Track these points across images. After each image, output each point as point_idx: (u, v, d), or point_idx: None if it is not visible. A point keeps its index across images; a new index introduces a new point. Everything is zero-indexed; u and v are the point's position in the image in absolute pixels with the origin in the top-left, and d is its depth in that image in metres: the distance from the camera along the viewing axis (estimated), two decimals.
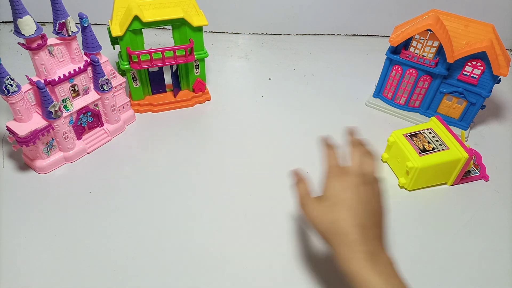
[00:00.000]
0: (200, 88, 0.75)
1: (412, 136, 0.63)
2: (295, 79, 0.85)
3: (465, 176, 0.64)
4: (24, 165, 0.63)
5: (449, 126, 0.64)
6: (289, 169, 0.65)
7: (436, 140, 0.62)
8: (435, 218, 0.59)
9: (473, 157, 0.64)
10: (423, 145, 0.62)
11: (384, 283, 0.38)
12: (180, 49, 0.67)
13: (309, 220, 0.44)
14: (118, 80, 0.67)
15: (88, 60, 0.61)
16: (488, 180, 0.65)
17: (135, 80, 0.71)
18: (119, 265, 0.51)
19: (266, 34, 0.99)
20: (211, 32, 0.98)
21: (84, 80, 0.62)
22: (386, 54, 0.72)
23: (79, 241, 0.53)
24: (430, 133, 0.64)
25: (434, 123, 0.65)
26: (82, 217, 0.56)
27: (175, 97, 0.75)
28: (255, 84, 0.83)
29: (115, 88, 0.66)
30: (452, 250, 0.52)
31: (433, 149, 0.61)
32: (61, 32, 0.57)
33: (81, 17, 0.58)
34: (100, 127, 0.67)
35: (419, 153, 0.60)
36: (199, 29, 0.67)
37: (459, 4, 0.88)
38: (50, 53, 0.57)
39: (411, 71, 0.71)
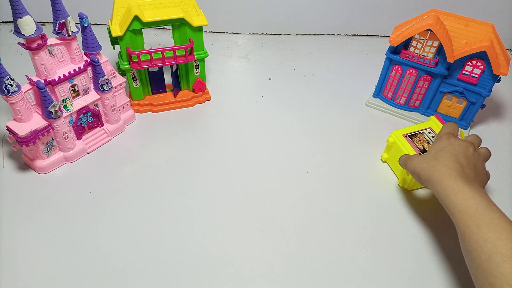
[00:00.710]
0: (200, 88, 0.75)
1: (411, 136, 0.63)
2: (295, 79, 0.85)
3: None
4: (24, 165, 0.63)
5: None
6: (289, 168, 0.65)
7: None
8: (435, 218, 0.59)
9: None
10: (422, 146, 0.62)
11: (478, 195, 0.42)
12: (180, 49, 0.67)
13: (411, 168, 0.51)
14: (118, 80, 0.67)
15: (88, 60, 0.61)
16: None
17: (135, 80, 0.71)
18: (119, 264, 0.51)
19: (266, 34, 0.99)
20: (211, 32, 0.98)
21: (84, 80, 0.62)
22: (386, 54, 0.72)
23: (79, 241, 0.53)
24: (429, 132, 0.64)
25: (433, 122, 0.65)
26: (82, 217, 0.56)
27: (175, 97, 0.75)
28: (255, 84, 0.83)
29: (115, 88, 0.66)
30: (452, 250, 0.52)
31: None
32: (61, 32, 0.57)
33: (81, 17, 0.58)
34: (100, 127, 0.67)
35: (419, 153, 0.60)
36: (199, 29, 0.67)
37: (459, 4, 0.88)
38: (50, 53, 0.57)
39: (411, 71, 0.71)
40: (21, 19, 0.51)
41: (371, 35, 1.01)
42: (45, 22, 0.91)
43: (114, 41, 0.67)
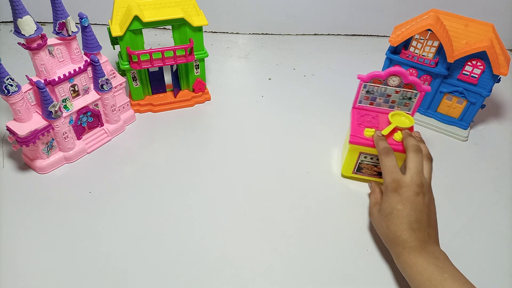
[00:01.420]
0: (200, 88, 0.75)
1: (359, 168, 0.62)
2: (295, 79, 0.85)
3: None
4: (24, 165, 0.63)
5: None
6: (289, 168, 0.65)
7: None
8: None
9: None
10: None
11: (430, 265, 0.44)
12: (180, 49, 0.67)
13: (375, 227, 0.52)
14: (118, 80, 0.67)
15: (88, 60, 0.61)
16: None
17: (135, 80, 0.71)
18: (119, 264, 0.51)
19: (266, 34, 0.99)
20: (211, 32, 0.98)
21: (84, 80, 0.62)
22: (386, 54, 0.72)
23: (79, 241, 0.53)
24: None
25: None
26: (82, 217, 0.56)
27: (175, 97, 0.75)
28: (255, 84, 0.83)
29: (115, 88, 0.66)
30: (452, 250, 0.52)
31: None
32: (61, 32, 0.57)
33: (81, 17, 0.58)
34: (100, 127, 0.67)
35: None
36: (199, 29, 0.67)
37: (459, 4, 0.88)
38: (50, 53, 0.57)
39: (411, 71, 0.71)
40: (21, 19, 0.51)
41: (371, 35, 1.01)
42: (45, 22, 0.91)
43: (114, 41, 0.67)
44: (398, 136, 0.56)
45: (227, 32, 0.99)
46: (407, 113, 0.58)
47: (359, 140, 0.57)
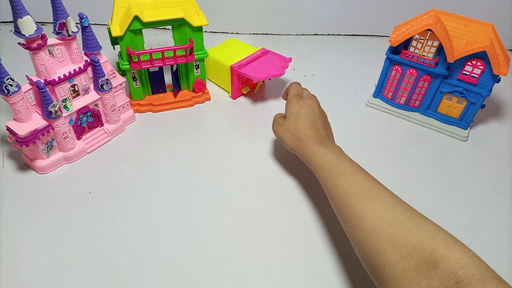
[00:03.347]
0: (200, 88, 0.75)
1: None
2: (295, 79, 0.85)
3: None
4: (24, 165, 0.63)
5: None
6: (289, 168, 0.65)
7: None
8: (435, 218, 0.59)
9: None
10: None
11: (330, 152, 0.51)
12: (180, 49, 0.67)
13: (279, 136, 0.59)
14: (118, 80, 0.67)
15: (88, 60, 0.61)
16: None
17: (135, 80, 0.71)
18: (119, 264, 0.51)
19: (266, 34, 0.99)
20: (211, 32, 0.98)
21: (84, 80, 0.62)
22: (386, 54, 0.72)
23: (79, 241, 0.53)
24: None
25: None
26: (82, 217, 0.56)
27: (175, 97, 0.75)
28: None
29: (115, 88, 0.66)
30: None
31: None
32: (61, 32, 0.57)
33: (81, 17, 0.58)
34: (100, 127, 0.67)
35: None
36: (199, 29, 0.67)
37: (459, 4, 0.88)
38: (50, 53, 0.57)
39: (411, 71, 0.71)
40: (21, 19, 0.51)
41: (371, 35, 1.01)
42: (45, 22, 0.91)
43: (114, 41, 0.67)
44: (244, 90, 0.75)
45: (227, 32, 0.99)
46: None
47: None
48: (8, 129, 0.57)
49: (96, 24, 0.91)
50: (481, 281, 0.33)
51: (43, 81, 0.56)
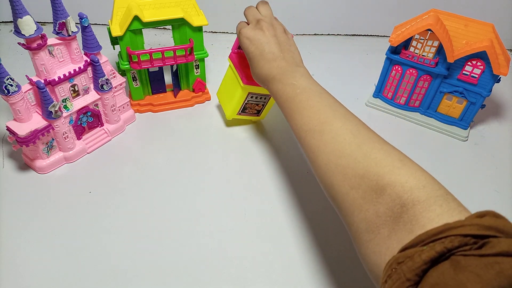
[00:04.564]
0: (200, 88, 0.75)
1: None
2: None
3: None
4: (24, 165, 0.63)
5: None
6: (289, 168, 0.65)
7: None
8: None
9: None
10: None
11: (287, 86, 0.50)
12: (180, 49, 0.67)
13: (243, 40, 0.56)
14: (118, 80, 0.67)
15: (88, 60, 0.61)
16: None
17: (135, 80, 0.71)
18: (119, 264, 0.51)
19: None
20: (211, 32, 0.98)
21: (84, 80, 0.62)
22: (386, 54, 0.72)
23: (79, 241, 0.53)
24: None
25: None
26: (82, 217, 0.56)
27: (175, 97, 0.75)
28: None
29: (115, 88, 0.66)
30: None
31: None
32: (61, 32, 0.57)
33: (81, 17, 0.58)
34: (100, 127, 0.67)
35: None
36: (199, 29, 0.67)
37: (459, 4, 0.88)
38: (50, 53, 0.57)
39: (411, 71, 0.71)
40: (21, 19, 0.51)
41: (371, 35, 1.01)
42: (45, 22, 0.91)
43: (114, 41, 0.67)
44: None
45: (227, 32, 0.99)
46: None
47: (251, 82, 0.62)
48: (8, 129, 0.57)
49: (96, 24, 0.91)
50: (426, 202, 0.33)
51: (43, 81, 0.56)
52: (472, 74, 0.67)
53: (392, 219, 0.34)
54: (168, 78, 0.77)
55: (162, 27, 0.95)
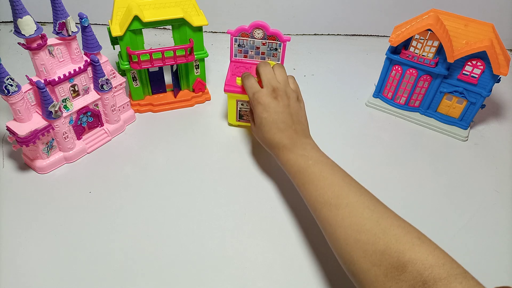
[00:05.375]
0: (200, 88, 0.75)
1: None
2: (295, 79, 0.85)
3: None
4: (24, 165, 0.63)
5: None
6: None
7: None
8: (435, 218, 0.59)
9: None
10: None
11: (298, 157, 0.51)
12: (180, 49, 0.67)
13: (257, 105, 0.56)
14: (118, 80, 0.67)
15: (88, 60, 0.61)
16: None
17: (135, 80, 0.71)
18: (119, 264, 0.51)
19: None
20: (211, 32, 0.98)
21: (84, 80, 0.62)
22: (386, 54, 0.72)
23: (79, 241, 0.53)
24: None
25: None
26: (82, 217, 0.56)
27: (175, 97, 0.75)
28: None
29: (115, 88, 0.66)
30: (452, 250, 0.52)
31: None
32: (61, 32, 0.57)
33: (81, 17, 0.58)
34: (100, 127, 0.67)
35: None
36: (199, 29, 0.67)
37: (459, 4, 0.88)
38: (50, 53, 0.57)
39: (411, 71, 0.71)
40: (21, 19, 0.51)
41: (371, 35, 1.01)
42: (45, 22, 0.91)
43: (114, 41, 0.67)
44: (239, 81, 0.64)
45: (227, 32, 0.99)
46: (277, 63, 0.64)
47: (232, 89, 0.65)
48: (8, 129, 0.57)
49: (96, 24, 0.91)
50: (446, 279, 0.34)
51: (43, 81, 0.56)
52: (472, 74, 0.67)
53: None
54: (168, 78, 0.77)
55: (162, 27, 0.95)
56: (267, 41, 0.65)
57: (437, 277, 0.34)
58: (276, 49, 0.66)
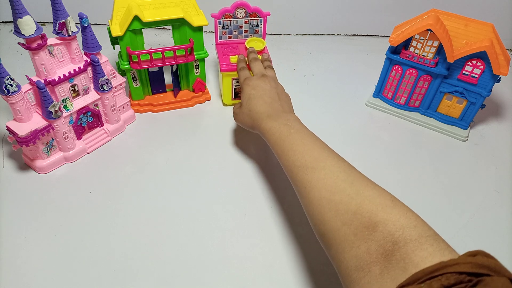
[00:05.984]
0: (200, 88, 0.75)
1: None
2: (295, 79, 0.85)
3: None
4: (24, 165, 0.63)
5: None
6: None
7: None
8: (435, 218, 0.59)
9: None
10: None
11: (281, 125, 0.52)
12: (180, 49, 0.67)
13: (239, 123, 0.62)
14: (118, 80, 0.67)
15: (88, 60, 0.61)
16: None
17: (135, 80, 0.71)
18: (119, 264, 0.51)
19: (266, 34, 0.99)
20: (211, 32, 0.98)
21: (84, 80, 0.62)
22: (386, 54, 0.72)
23: (79, 241, 0.53)
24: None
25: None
26: (82, 217, 0.56)
27: (175, 97, 0.75)
28: None
29: (115, 88, 0.66)
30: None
31: None
32: (61, 32, 0.57)
33: (81, 17, 0.58)
34: (100, 127, 0.67)
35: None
36: (199, 29, 0.68)
37: (459, 4, 0.88)
38: (50, 53, 0.57)
39: (411, 71, 0.71)
40: (21, 19, 0.51)
41: (371, 35, 1.01)
42: (45, 22, 0.91)
43: (114, 41, 0.67)
44: (233, 59, 0.69)
45: None
46: (259, 38, 0.72)
47: (228, 67, 0.69)
48: (8, 129, 0.57)
49: (96, 24, 0.91)
50: (417, 241, 0.34)
51: (43, 81, 0.56)
52: (472, 74, 0.67)
53: (383, 256, 0.34)
54: (168, 78, 0.77)
55: (162, 27, 0.95)
56: (249, 18, 0.70)
57: (408, 238, 0.34)
58: (257, 25, 0.72)
